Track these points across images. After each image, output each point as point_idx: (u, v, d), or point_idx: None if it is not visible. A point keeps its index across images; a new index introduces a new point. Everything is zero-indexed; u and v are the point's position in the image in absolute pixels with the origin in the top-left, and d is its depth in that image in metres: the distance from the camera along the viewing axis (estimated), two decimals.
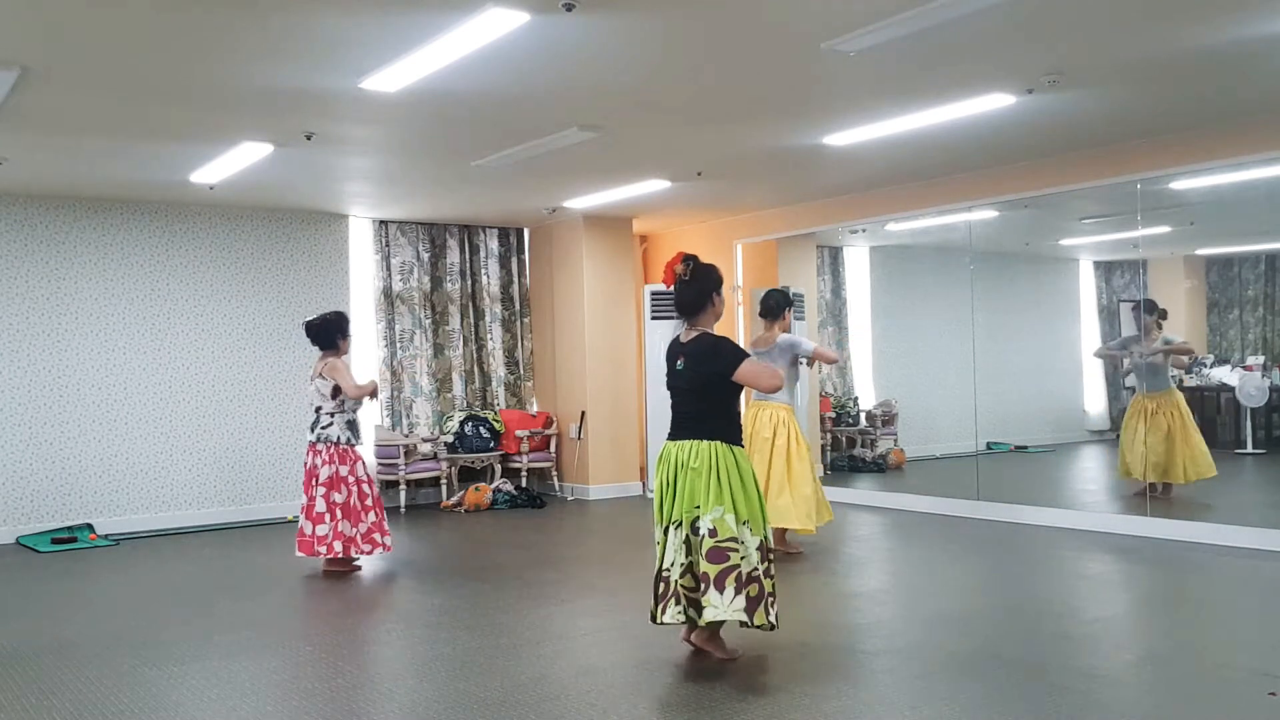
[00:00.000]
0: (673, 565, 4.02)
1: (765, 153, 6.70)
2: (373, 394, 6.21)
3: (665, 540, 4.07)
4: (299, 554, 6.12)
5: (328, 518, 6.03)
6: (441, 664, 4.21)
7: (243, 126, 5.70)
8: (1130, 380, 7.77)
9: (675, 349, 4.21)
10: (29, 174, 6.85)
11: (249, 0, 3.82)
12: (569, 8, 3.87)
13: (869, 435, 9.72)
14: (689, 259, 4.17)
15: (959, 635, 4.48)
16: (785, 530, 6.23)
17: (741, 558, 3.95)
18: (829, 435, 9.66)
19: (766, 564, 4.04)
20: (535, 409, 9.78)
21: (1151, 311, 7.51)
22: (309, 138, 5.90)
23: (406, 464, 8.67)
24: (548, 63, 4.65)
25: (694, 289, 4.16)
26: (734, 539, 3.95)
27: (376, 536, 6.18)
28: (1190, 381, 8.30)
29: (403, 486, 8.66)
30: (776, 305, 6.29)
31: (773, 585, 4.07)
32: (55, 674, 4.18)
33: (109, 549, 7.19)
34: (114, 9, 3.89)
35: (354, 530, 6.09)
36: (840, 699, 3.66)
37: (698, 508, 3.98)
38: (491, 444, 9.13)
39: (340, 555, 6.05)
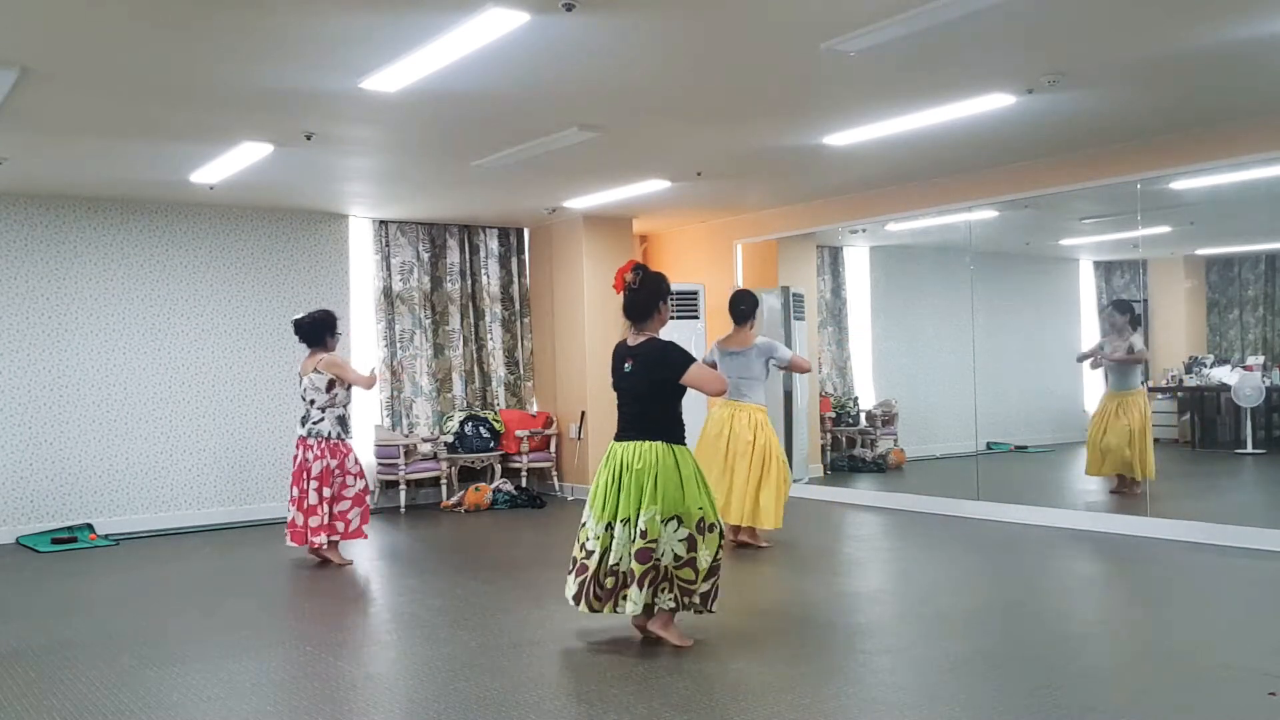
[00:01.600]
0: (621, 559, 4.26)
1: (765, 153, 6.70)
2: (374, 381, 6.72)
3: (610, 535, 4.29)
4: (290, 544, 6.40)
5: (320, 509, 6.30)
6: (441, 664, 4.21)
7: (243, 126, 5.70)
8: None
9: (623, 351, 4.51)
10: (29, 174, 6.84)
11: (249, 0, 3.83)
12: (569, 8, 3.87)
13: (869, 435, 9.72)
14: (639, 268, 4.43)
15: (959, 635, 4.48)
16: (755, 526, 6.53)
17: (660, 556, 4.22)
18: (829, 435, 9.66)
19: (691, 554, 4.25)
20: (535, 409, 9.77)
21: (1125, 312, 7.55)
22: (309, 138, 5.90)
23: (406, 464, 8.67)
24: (548, 63, 4.65)
25: (643, 296, 4.44)
26: (657, 540, 4.22)
27: (339, 525, 6.39)
28: (1190, 381, 8.32)
29: (403, 486, 8.66)
30: (750, 309, 6.47)
31: (704, 573, 4.27)
32: (55, 674, 4.17)
33: (109, 549, 7.19)
34: (114, 9, 3.89)
35: (332, 518, 6.38)
36: (840, 699, 3.66)
37: (640, 504, 4.24)
38: (491, 444, 9.13)
39: (327, 545, 6.34)
